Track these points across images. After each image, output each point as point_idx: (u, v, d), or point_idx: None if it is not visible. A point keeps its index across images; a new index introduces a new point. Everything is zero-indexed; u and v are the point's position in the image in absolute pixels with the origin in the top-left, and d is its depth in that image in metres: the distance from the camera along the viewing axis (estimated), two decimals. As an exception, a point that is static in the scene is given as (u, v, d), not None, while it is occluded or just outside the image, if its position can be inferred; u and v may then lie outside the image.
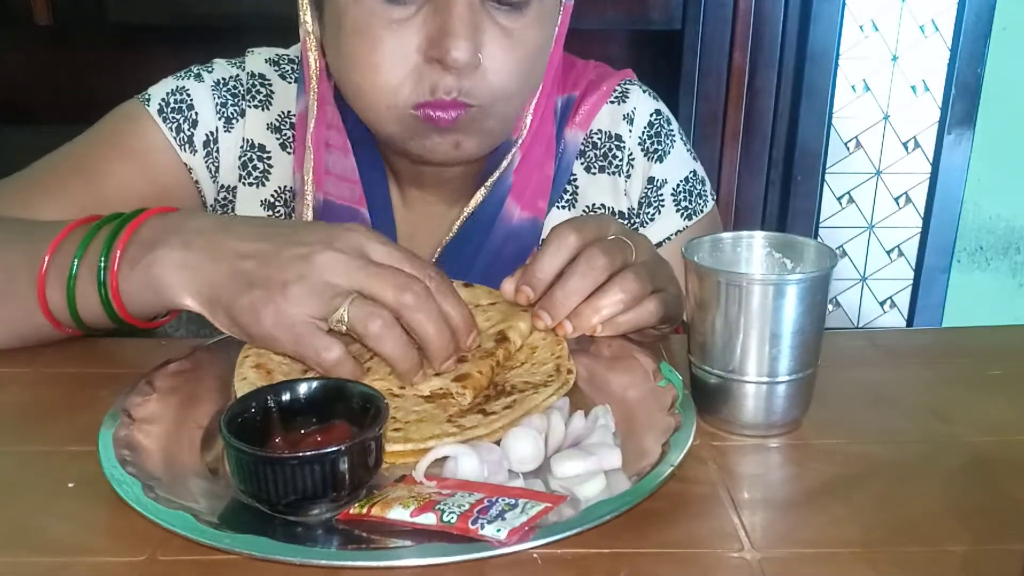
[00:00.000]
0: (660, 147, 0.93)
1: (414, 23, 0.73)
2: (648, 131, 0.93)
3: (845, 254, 1.98)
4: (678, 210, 0.93)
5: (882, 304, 2.03)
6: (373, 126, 0.80)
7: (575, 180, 0.93)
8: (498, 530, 0.47)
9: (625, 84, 0.94)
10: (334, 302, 0.59)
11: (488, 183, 0.86)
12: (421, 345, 0.61)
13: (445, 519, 0.48)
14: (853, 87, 1.86)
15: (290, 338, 0.60)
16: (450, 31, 0.71)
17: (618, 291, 0.65)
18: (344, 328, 0.59)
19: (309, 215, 0.85)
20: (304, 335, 0.60)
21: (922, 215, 1.95)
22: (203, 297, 0.63)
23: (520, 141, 0.87)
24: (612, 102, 0.93)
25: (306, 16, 0.82)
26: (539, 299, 0.66)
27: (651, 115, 0.93)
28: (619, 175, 0.93)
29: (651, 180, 0.93)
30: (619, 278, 0.65)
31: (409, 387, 0.62)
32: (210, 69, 0.90)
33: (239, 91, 0.89)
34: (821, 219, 1.96)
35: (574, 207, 0.92)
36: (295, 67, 0.91)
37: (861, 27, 1.81)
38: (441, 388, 0.62)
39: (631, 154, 0.93)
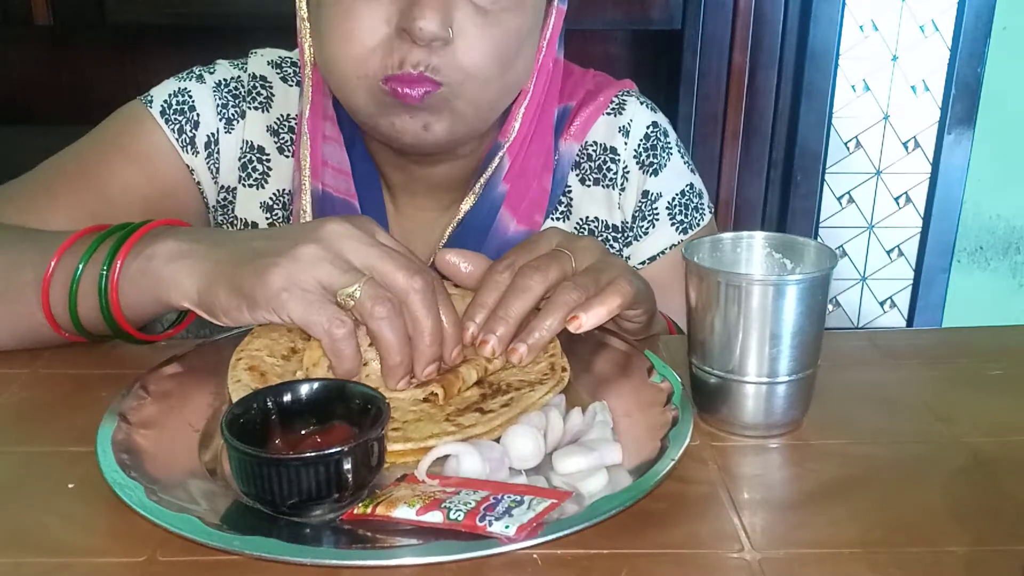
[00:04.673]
0: (656, 160, 0.92)
1: None
2: (644, 144, 0.92)
3: (845, 254, 1.98)
4: (673, 224, 0.92)
5: (882, 304, 2.03)
6: (345, 99, 0.79)
7: (569, 192, 0.92)
8: (507, 526, 0.47)
9: (623, 95, 0.93)
10: (347, 276, 0.59)
11: (477, 187, 0.86)
12: (414, 337, 0.61)
13: (452, 517, 0.48)
14: (853, 87, 1.86)
15: (300, 302, 0.58)
16: (419, 1, 0.71)
17: (556, 311, 0.64)
18: (351, 304, 0.59)
19: (308, 201, 0.85)
20: (315, 302, 0.59)
21: (922, 215, 1.95)
22: (199, 280, 0.62)
23: (507, 144, 0.86)
24: (608, 114, 0.92)
25: (301, 3, 0.82)
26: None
27: (647, 128, 0.92)
28: (613, 188, 0.92)
29: (645, 194, 0.91)
30: (554, 298, 0.64)
31: (388, 391, 0.61)
32: (212, 70, 0.90)
33: (240, 92, 0.89)
34: (821, 219, 1.96)
35: (568, 219, 0.92)
36: (297, 70, 0.91)
37: (861, 27, 1.82)
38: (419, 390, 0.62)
39: (626, 167, 0.91)
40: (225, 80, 0.89)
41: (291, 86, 0.91)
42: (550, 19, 0.84)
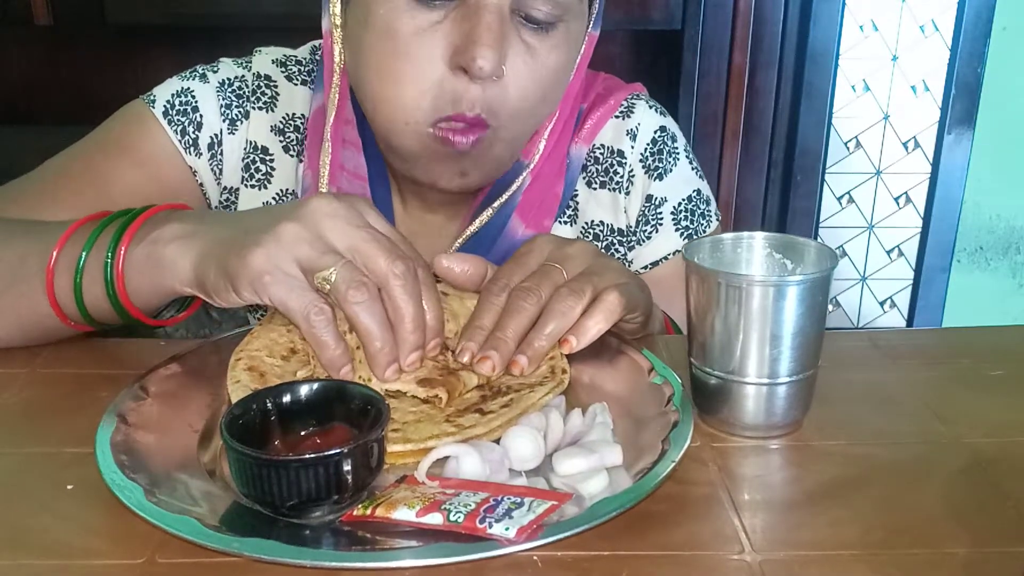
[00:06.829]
0: (661, 165, 0.91)
1: (441, 29, 0.73)
2: (651, 148, 0.91)
3: (845, 254, 1.98)
4: (677, 229, 0.92)
5: (882, 304, 2.03)
6: (386, 139, 0.79)
7: (576, 196, 0.92)
8: (507, 528, 0.47)
9: (632, 99, 0.93)
10: (324, 258, 0.59)
11: (496, 204, 0.86)
12: (395, 324, 0.60)
13: (452, 519, 0.48)
14: (853, 87, 1.85)
15: (281, 287, 0.58)
16: (477, 39, 0.71)
17: (552, 320, 0.64)
18: (327, 288, 0.59)
19: None
20: (296, 287, 0.59)
21: (922, 215, 1.95)
22: (194, 260, 0.63)
23: (532, 165, 0.86)
24: (617, 117, 0.92)
25: (335, 8, 0.81)
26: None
27: (655, 132, 0.92)
28: (619, 192, 0.91)
29: (649, 198, 0.91)
30: (550, 306, 0.64)
31: (378, 381, 0.61)
32: (215, 69, 0.89)
33: (244, 92, 0.89)
34: (821, 219, 1.96)
35: (575, 223, 0.92)
36: (302, 68, 0.91)
37: (861, 27, 1.81)
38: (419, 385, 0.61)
39: (631, 170, 0.91)
40: (229, 79, 0.89)
41: (296, 85, 0.90)
42: (582, 44, 0.84)
